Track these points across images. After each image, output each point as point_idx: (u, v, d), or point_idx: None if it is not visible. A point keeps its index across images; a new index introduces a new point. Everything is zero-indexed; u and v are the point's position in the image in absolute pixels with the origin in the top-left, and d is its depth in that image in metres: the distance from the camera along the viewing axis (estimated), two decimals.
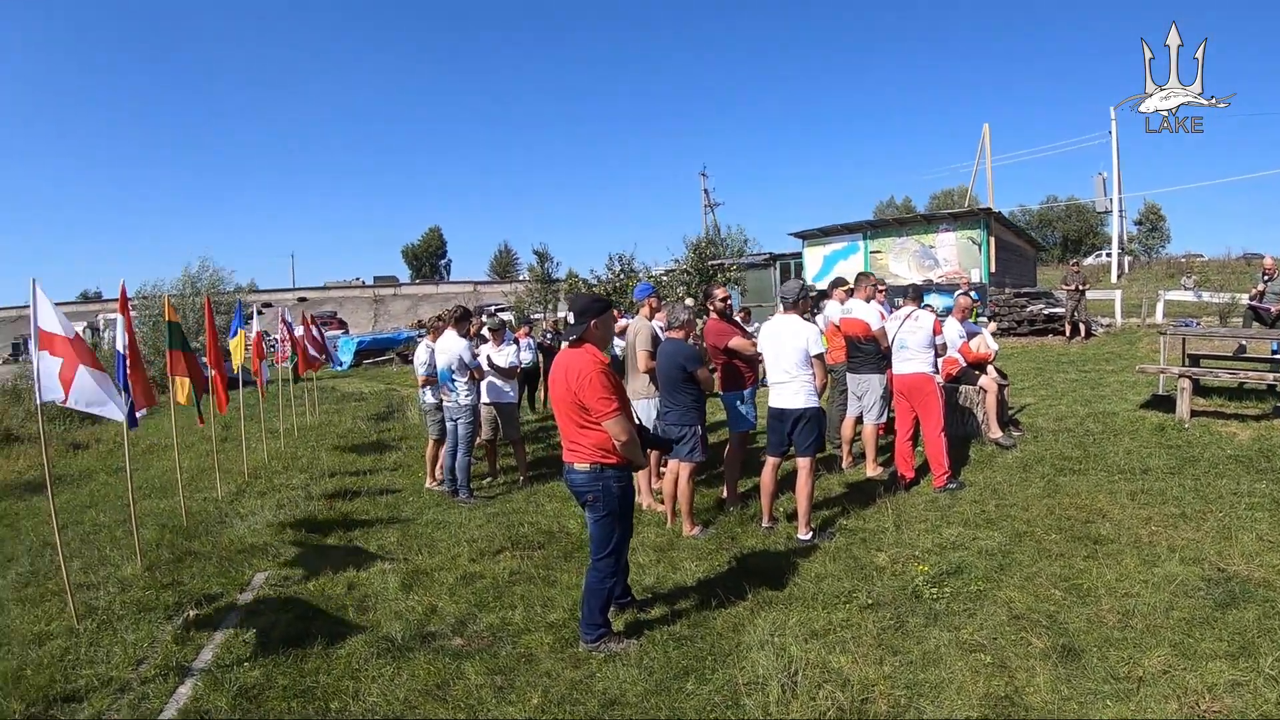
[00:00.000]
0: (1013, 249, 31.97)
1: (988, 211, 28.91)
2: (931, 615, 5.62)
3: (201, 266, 34.05)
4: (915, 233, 29.32)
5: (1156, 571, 6.08)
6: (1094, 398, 13.65)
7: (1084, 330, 22.64)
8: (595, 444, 5.26)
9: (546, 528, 8.29)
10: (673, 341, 7.77)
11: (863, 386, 9.61)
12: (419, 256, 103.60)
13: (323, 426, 17.11)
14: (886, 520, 7.73)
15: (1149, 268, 53.99)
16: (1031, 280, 34.48)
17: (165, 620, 6.37)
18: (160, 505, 10.32)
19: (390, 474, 11.68)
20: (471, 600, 6.39)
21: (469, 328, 10.23)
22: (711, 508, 8.56)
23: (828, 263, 31.22)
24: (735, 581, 6.36)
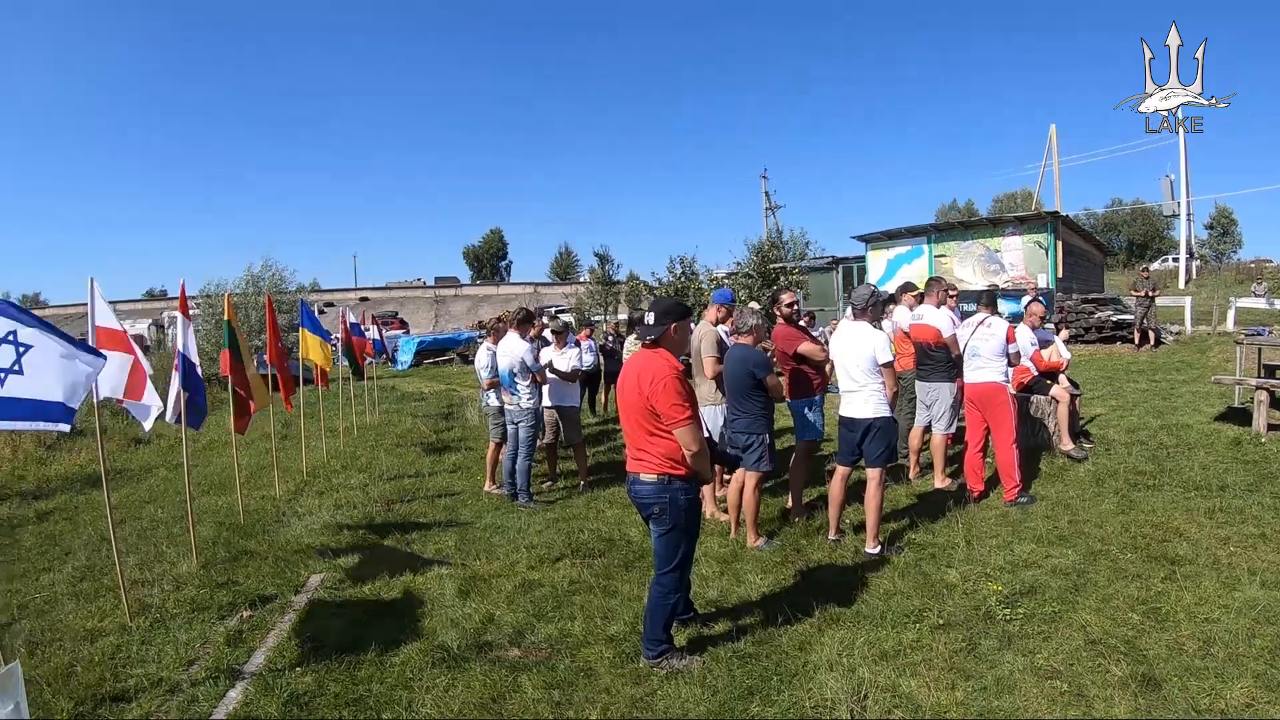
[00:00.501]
0: (1080, 254, 31.29)
1: (1055, 215, 28.31)
2: (1005, 638, 5.38)
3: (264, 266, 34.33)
4: (981, 236, 28.80)
5: (1237, 596, 5.83)
6: (1166, 409, 13.22)
7: (1153, 338, 22.09)
8: (664, 453, 5.01)
9: (607, 535, 8.08)
10: (741, 347, 7.55)
11: (932, 395, 9.34)
12: (480, 258, 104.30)
13: (382, 426, 17.06)
14: (957, 535, 7.44)
15: (1218, 273, 52.82)
16: (1099, 286, 33.69)
17: (218, 620, 6.27)
18: (218, 502, 10.28)
19: (449, 476, 11.55)
20: (530, 609, 6.20)
21: (531, 330, 10.02)
22: (776, 518, 8.34)
23: (891, 266, 30.82)
24: (802, 596, 6.13)
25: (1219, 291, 34.18)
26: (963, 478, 9.10)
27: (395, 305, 68.56)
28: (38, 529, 9.83)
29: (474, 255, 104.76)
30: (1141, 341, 21.98)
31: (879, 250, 31.44)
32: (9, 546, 9.06)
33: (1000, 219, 30.63)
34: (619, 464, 11.30)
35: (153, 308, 65.40)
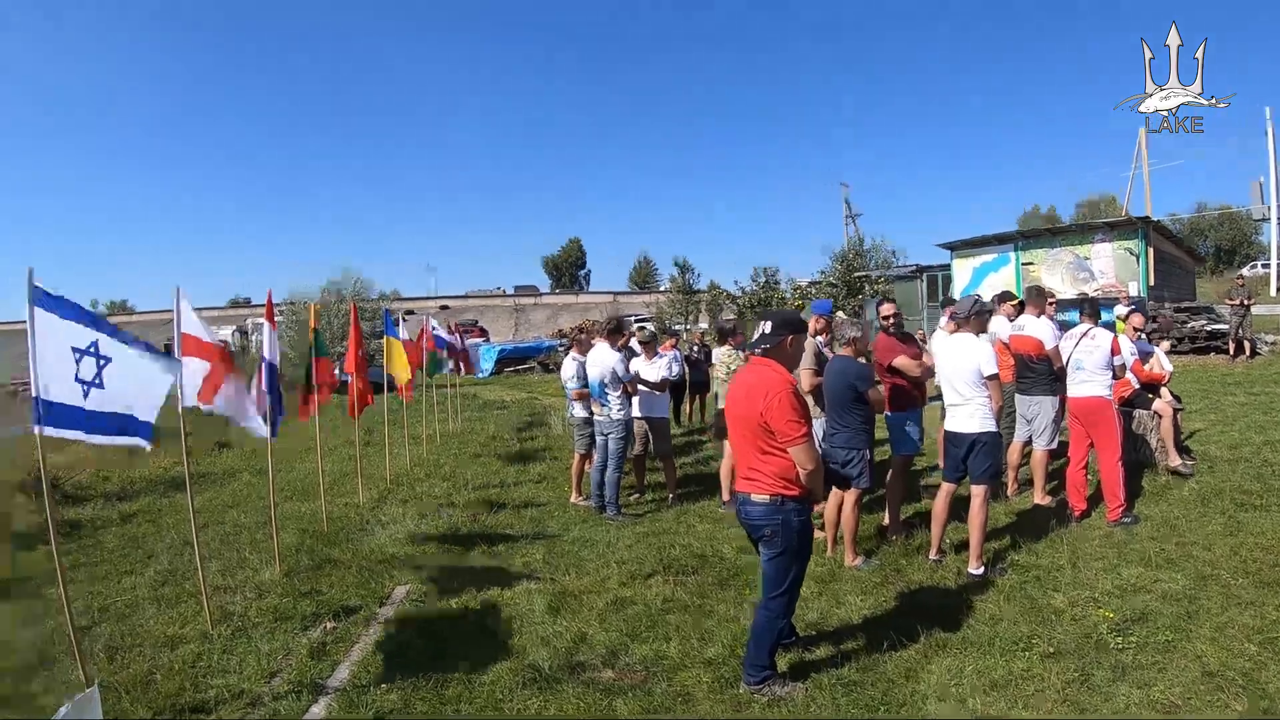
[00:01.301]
0: (1172, 260, 30.39)
1: (1146, 220, 27.50)
2: (1118, 668, 5.07)
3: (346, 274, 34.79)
4: (1069, 243, 28.07)
5: None
6: (1268, 424, 12.65)
7: (1248, 348, 21.20)
8: (777, 472, 4.71)
9: (699, 551, 7.78)
10: (843, 359, 7.24)
11: (1033, 409, 8.95)
12: (559, 267, 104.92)
13: (465, 434, 17.01)
14: (1061, 557, 7.12)
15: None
16: (1191, 294, 32.69)
17: (301, 631, 6.11)
18: (301, 509, 10.19)
19: (534, 486, 11.30)
20: (623, 629, 5.93)
21: (621, 340, 9.77)
22: (872, 536, 8.00)
23: (977, 275, 30.26)
24: (905, 620, 5.83)
25: None
26: (1063, 495, 8.77)
27: (475, 313, 68.89)
28: (121, 531, 9.82)
29: (553, 264, 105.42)
30: (1237, 352, 21.18)
31: (964, 258, 30.89)
32: (92, 548, 9.03)
33: (1089, 225, 29.86)
34: (706, 476, 11.17)
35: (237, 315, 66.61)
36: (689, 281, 45.97)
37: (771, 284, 30.15)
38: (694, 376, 16.25)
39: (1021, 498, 9.18)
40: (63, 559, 5.01)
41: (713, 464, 11.74)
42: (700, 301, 45.10)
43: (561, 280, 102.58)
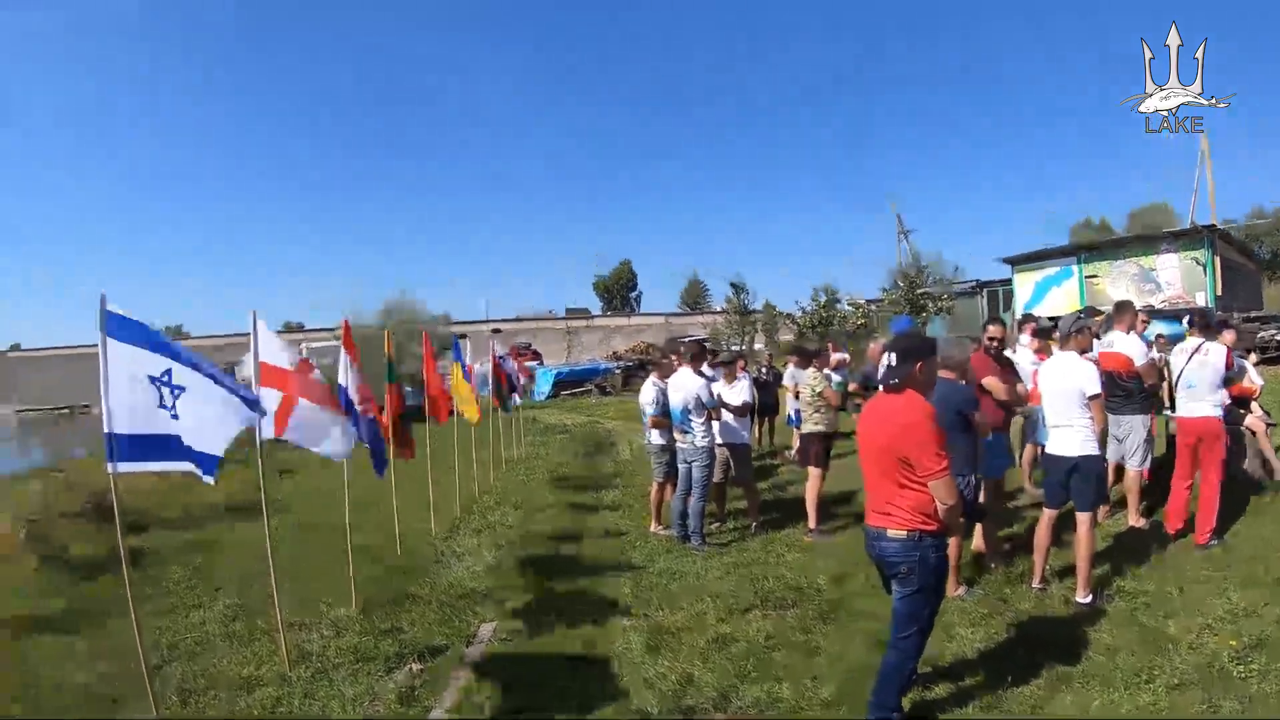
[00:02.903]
0: (1237, 269, 30.00)
1: (1211, 229, 27.09)
2: (1245, 699, 4.85)
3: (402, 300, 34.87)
4: (1134, 254, 27.89)
5: None
6: None
7: None
8: (915, 507, 4.41)
9: (794, 583, 7.41)
10: (947, 383, 6.83)
11: (1124, 429, 8.64)
12: (610, 289, 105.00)
13: (530, 460, 16.84)
14: (1167, 581, 6.84)
15: None
16: (1258, 302, 32.06)
17: (385, 673, 5.82)
18: (370, 540, 9.84)
19: (610, 514, 11.00)
20: (729, 668, 5.60)
21: (704, 364, 9.48)
22: (968, 563, 7.59)
23: (1039, 289, 29.97)
24: (1020, 652, 5.62)
25: None
26: (1157, 516, 8.48)
27: (528, 336, 69.09)
28: (186, 561, 9.58)
29: (604, 286, 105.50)
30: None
31: (1026, 272, 30.62)
32: (156, 579, 8.82)
33: (1153, 235, 29.58)
34: (785, 502, 10.86)
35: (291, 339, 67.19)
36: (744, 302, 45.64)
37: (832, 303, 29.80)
38: (763, 399, 15.86)
39: (1114, 520, 8.83)
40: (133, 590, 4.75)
41: (791, 489, 11.42)
42: (756, 322, 44.80)
43: (613, 302, 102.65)
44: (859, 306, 31.31)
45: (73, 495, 11.75)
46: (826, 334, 27.36)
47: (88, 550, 9.87)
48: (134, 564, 8.98)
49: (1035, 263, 30.46)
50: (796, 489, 10.82)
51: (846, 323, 29.73)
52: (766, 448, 16.00)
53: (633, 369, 34.29)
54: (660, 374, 9.71)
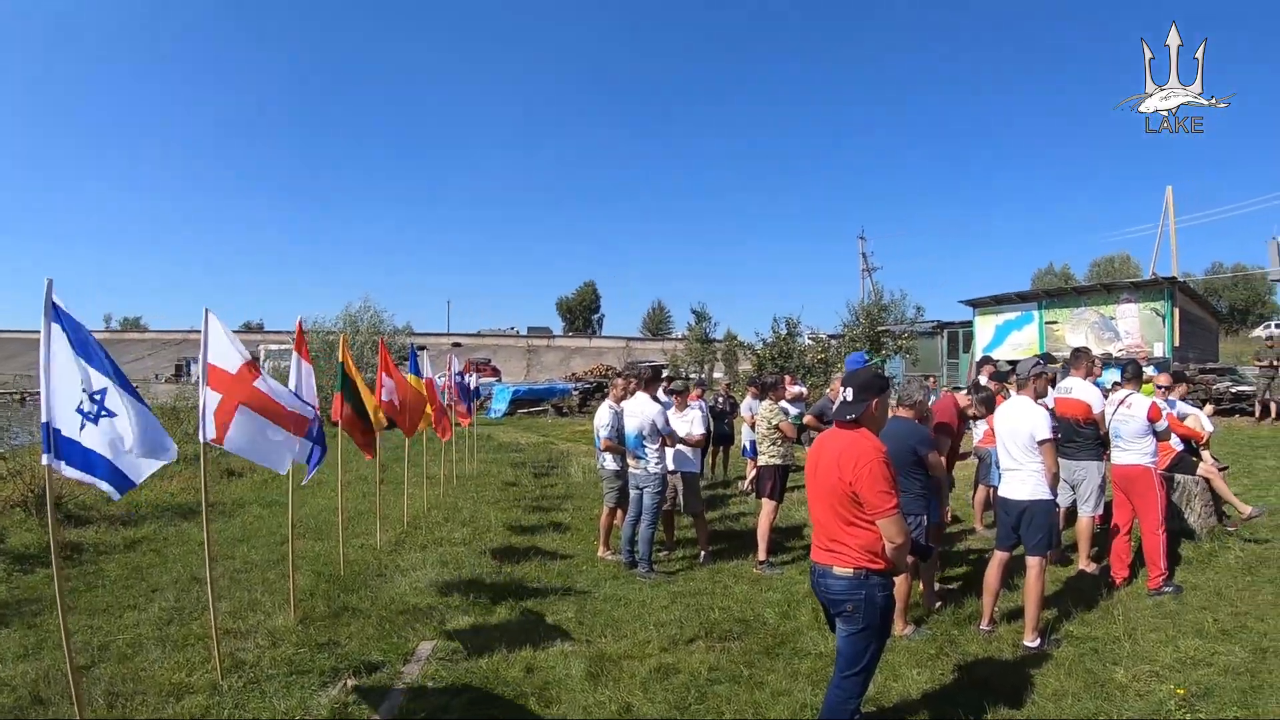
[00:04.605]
0: (1196, 321, 30.68)
1: (1172, 280, 27.61)
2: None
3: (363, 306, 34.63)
4: (1094, 303, 28.32)
5: None
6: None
7: (1275, 410, 20.97)
8: (863, 545, 4.36)
9: (740, 615, 7.38)
10: (903, 421, 6.93)
11: (1078, 474, 8.70)
12: (573, 309, 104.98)
13: (481, 477, 16.68)
14: (1116, 628, 6.90)
15: None
16: (1214, 355, 32.67)
17: (320, 688, 5.66)
18: (315, 548, 9.77)
19: (558, 536, 10.87)
20: (669, 700, 5.52)
21: (658, 389, 9.49)
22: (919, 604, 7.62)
23: (1000, 332, 30.44)
24: (965, 695, 5.59)
25: None
26: (1106, 562, 8.57)
27: (488, 352, 69.03)
28: (124, 559, 9.41)
29: (567, 306, 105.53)
30: (1263, 414, 21.02)
31: (987, 315, 31.10)
32: (93, 575, 8.67)
33: (1114, 284, 30.01)
34: (737, 533, 10.87)
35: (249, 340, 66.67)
36: (706, 330, 45.72)
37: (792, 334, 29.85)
38: (718, 429, 15.85)
39: (1065, 566, 8.94)
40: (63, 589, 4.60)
41: (743, 520, 11.39)
42: (717, 351, 44.88)
43: (575, 323, 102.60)
44: (819, 340, 31.39)
45: (17, 484, 11.48)
46: (784, 366, 27.39)
47: (28, 541, 9.73)
48: (72, 559, 8.98)
49: (996, 306, 30.82)
50: (748, 520, 10.82)
51: (805, 356, 29.77)
52: (721, 477, 15.99)
53: (590, 391, 34.18)
54: (615, 397, 9.65)
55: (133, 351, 73.06)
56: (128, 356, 67.30)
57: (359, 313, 34.74)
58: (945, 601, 7.64)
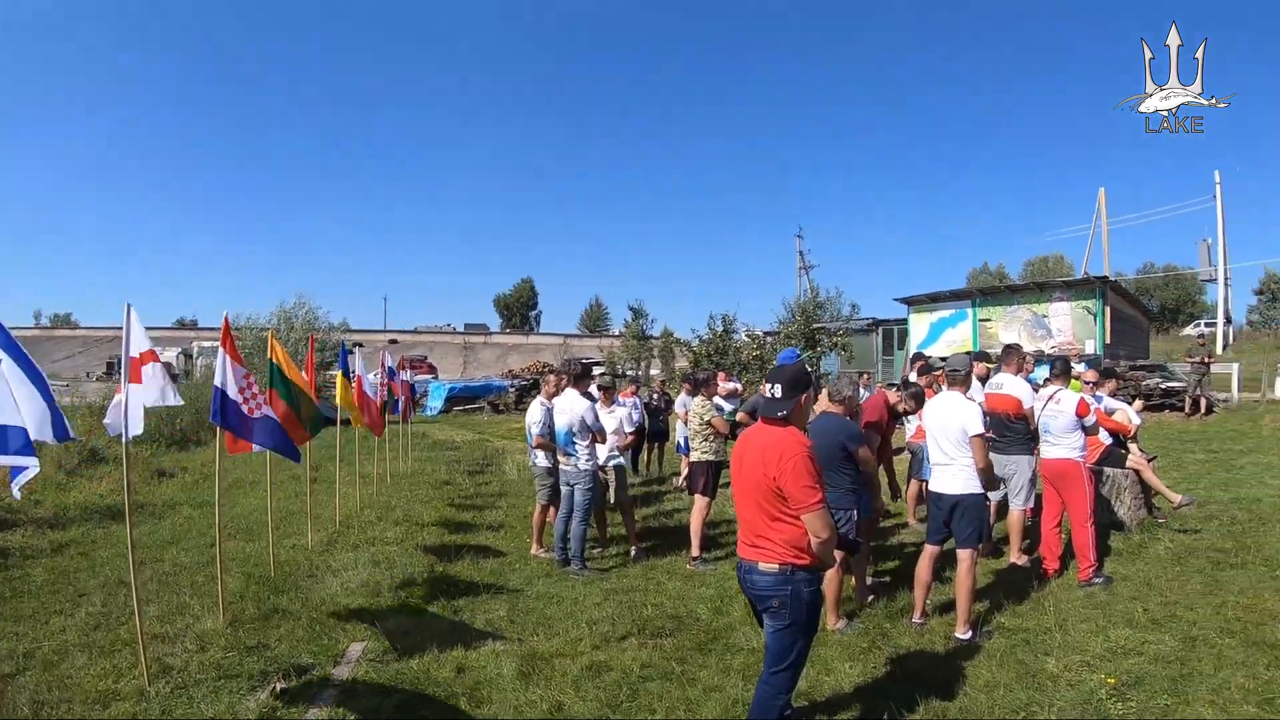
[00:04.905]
0: (1128, 319, 31.36)
1: (1104, 280, 28.27)
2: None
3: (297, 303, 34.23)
4: (1027, 301, 28.90)
5: None
6: (1231, 481, 13.16)
7: (1204, 406, 21.80)
8: (789, 540, 4.36)
9: (673, 611, 7.41)
10: (833, 417, 6.98)
11: (1009, 468, 8.84)
12: (510, 306, 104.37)
13: (415, 475, 16.55)
14: (1047, 619, 6.99)
15: (1254, 339, 52.76)
16: (1145, 352, 33.47)
17: (248, 692, 5.58)
18: (245, 549, 9.66)
19: (491, 534, 10.82)
20: (601, 698, 5.53)
21: (588, 385, 9.52)
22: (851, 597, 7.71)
23: (934, 330, 30.86)
24: (897, 688, 5.63)
25: (1257, 358, 34.29)
26: (1037, 554, 8.73)
27: (424, 349, 68.40)
28: (51, 563, 9.27)
29: (504, 303, 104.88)
30: (1193, 409, 21.75)
31: (922, 313, 31.48)
32: (19, 580, 8.52)
33: (1047, 283, 30.70)
34: (671, 529, 10.90)
35: (182, 336, 65.63)
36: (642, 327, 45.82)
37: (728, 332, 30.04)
38: (653, 425, 15.94)
39: (997, 558, 9.11)
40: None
41: (676, 516, 11.45)
42: (654, 348, 45.01)
43: (512, 320, 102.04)
44: (755, 338, 31.59)
45: None
46: (720, 363, 27.55)
47: None
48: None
49: (931, 304, 31.21)
50: (682, 516, 10.86)
51: (741, 353, 29.97)
52: (656, 474, 16.06)
53: (527, 388, 34.07)
54: (547, 394, 9.64)
55: (64, 349, 71.29)
56: (58, 354, 65.59)
57: (293, 309, 34.34)
58: (877, 595, 7.71)
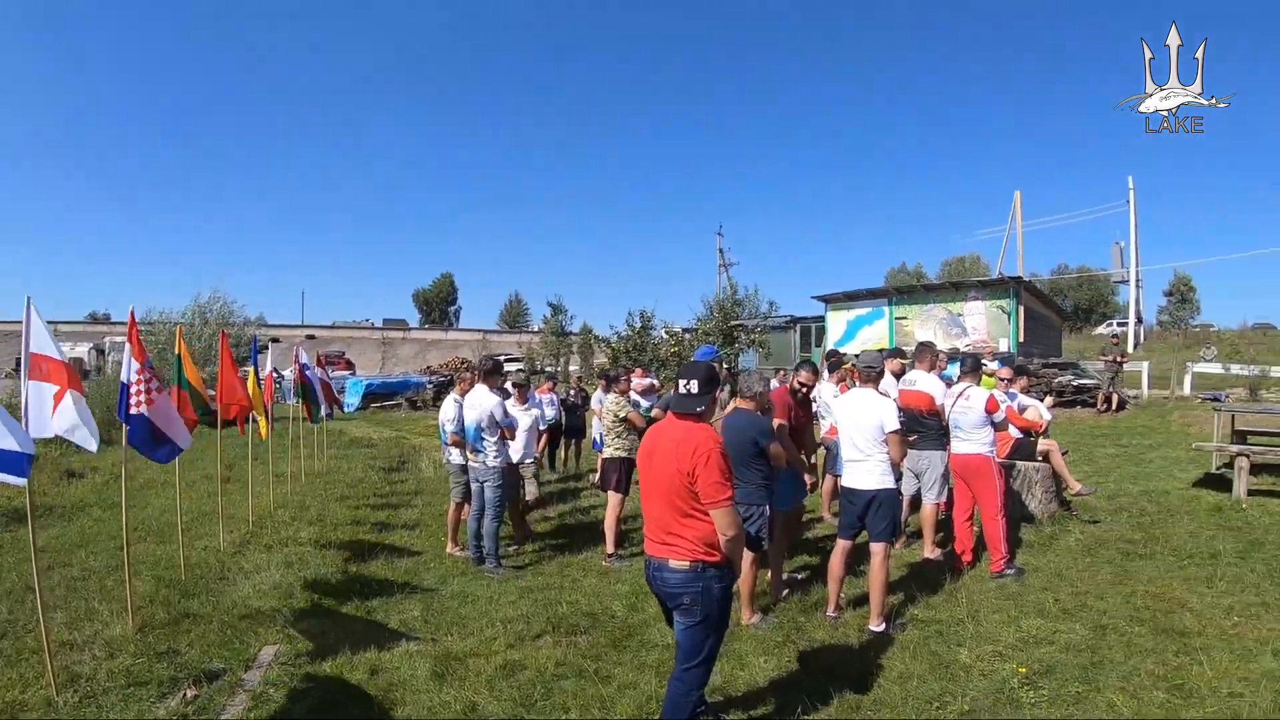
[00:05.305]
0: (1040, 318, 32.06)
1: (1017, 280, 28.97)
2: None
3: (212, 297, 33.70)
4: (943, 300, 29.36)
5: (1254, 668, 5.77)
6: (1140, 474, 13.60)
7: (1115, 402, 22.44)
8: (700, 537, 4.39)
9: (588, 609, 7.47)
10: (743, 413, 7.00)
11: (922, 464, 9.09)
12: (429, 301, 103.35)
13: (331, 473, 16.34)
14: (960, 610, 7.14)
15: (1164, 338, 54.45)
16: (1058, 350, 34.31)
17: (158, 699, 5.52)
18: (157, 551, 9.49)
19: (407, 533, 10.77)
20: (515, 698, 5.55)
21: (499, 381, 9.50)
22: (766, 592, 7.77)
23: (851, 328, 31.25)
24: (812, 681, 5.69)
25: (1166, 356, 35.31)
26: (951, 547, 8.91)
27: (342, 345, 67.51)
28: None
29: (423, 298, 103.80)
30: (1105, 406, 22.33)
31: (839, 311, 31.80)
32: None
33: (962, 283, 31.24)
34: (586, 526, 10.98)
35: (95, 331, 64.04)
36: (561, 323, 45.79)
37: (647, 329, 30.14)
38: (570, 421, 15.97)
39: (909, 550, 9.29)
40: None
41: (594, 513, 11.48)
42: (573, 344, 45.00)
43: (432, 315, 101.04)
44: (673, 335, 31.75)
45: None
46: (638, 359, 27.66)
47: None
48: None
49: (848, 302, 31.61)
50: (598, 513, 10.87)
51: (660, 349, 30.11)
52: (573, 470, 16.08)
53: (445, 384, 33.82)
54: (460, 390, 9.61)
55: None
56: None
57: (208, 303, 33.77)
58: (792, 590, 7.79)
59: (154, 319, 31.71)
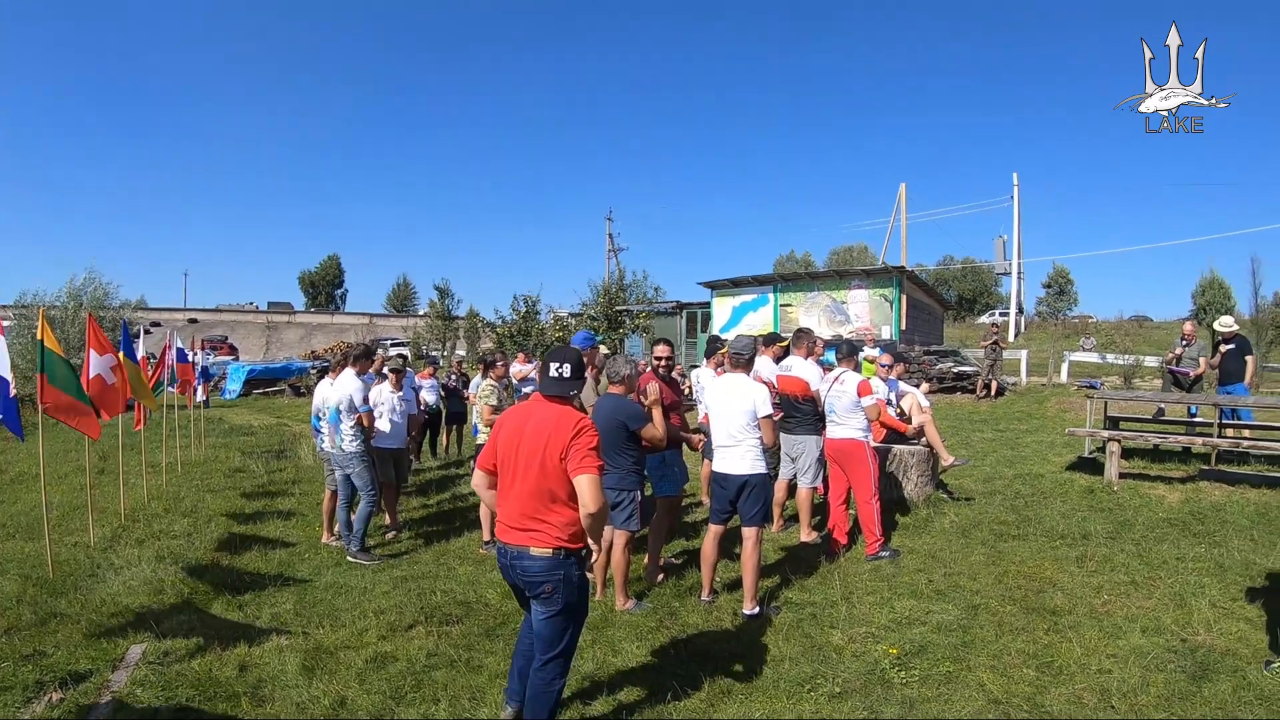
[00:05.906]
0: (923, 307, 32.77)
1: (900, 269, 29.58)
2: (906, 703, 5.22)
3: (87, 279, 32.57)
4: (827, 288, 29.72)
5: (1122, 644, 6.02)
6: (1015, 458, 13.91)
7: (994, 389, 23.18)
8: (565, 523, 4.44)
9: (462, 597, 7.52)
10: (613, 397, 7.09)
11: (798, 448, 9.27)
12: (316, 284, 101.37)
13: (209, 463, 16.01)
14: (834, 592, 7.33)
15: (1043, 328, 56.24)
16: (939, 338, 35.23)
17: (24, 704, 5.43)
18: (25, 549, 9.26)
19: (283, 523, 10.69)
20: (385, 689, 5.58)
21: (370, 366, 9.54)
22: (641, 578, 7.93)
23: (736, 314, 31.48)
24: (684, 666, 5.82)
25: (1045, 345, 36.35)
26: (827, 530, 9.07)
27: (225, 329, 65.92)
28: None
29: (309, 281, 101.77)
30: (984, 392, 23.07)
31: (725, 297, 32.02)
32: None
33: (846, 271, 31.74)
34: (463, 512, 11.05)
35: None
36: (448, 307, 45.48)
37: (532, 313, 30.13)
38: (451, 406, 15.93)
39: (786, 534, 9.47)
40: None
41: (473, 499, 11.49)
42: (459, 328, 44.75)
43: (318, 299, 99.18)
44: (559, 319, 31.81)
45: None
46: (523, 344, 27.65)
47: None
48: None
49: (734, 289, 31.89)
50: (475, 499, 10.81)
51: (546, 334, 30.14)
52: (455, 456, 16.10)
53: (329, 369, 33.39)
54: (333, 374, 9.57)
55: None
56: None
57: (83, 285, 32.58)
58: (667, 574, 7.92)
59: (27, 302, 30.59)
